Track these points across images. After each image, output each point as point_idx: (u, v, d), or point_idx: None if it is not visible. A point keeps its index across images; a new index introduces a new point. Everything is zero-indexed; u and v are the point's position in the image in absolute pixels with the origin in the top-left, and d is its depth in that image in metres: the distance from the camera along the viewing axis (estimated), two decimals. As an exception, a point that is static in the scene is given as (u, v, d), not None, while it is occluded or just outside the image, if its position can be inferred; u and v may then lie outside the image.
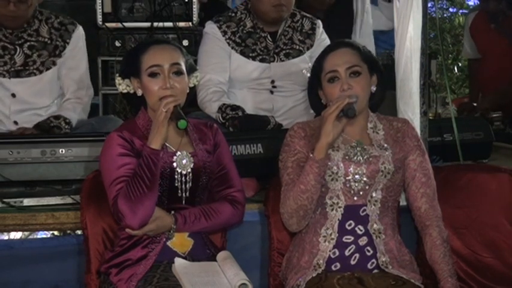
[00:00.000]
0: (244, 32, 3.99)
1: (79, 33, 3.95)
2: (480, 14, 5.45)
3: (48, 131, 3.66)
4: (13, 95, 3.84)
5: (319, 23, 4.13)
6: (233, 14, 4.04)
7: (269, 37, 3.99)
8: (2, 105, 3.85)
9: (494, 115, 4.85)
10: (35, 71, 3.85)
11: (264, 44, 3.98)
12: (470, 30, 5.48)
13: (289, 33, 4.03)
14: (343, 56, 3.03)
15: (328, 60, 3.03)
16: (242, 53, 3.96)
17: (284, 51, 4.00)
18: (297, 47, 4.02)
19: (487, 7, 5.36)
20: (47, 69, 3.86)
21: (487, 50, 5.38)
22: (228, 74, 3.95)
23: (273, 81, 3.98)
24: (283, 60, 3.99)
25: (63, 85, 3.90)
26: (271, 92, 4.00)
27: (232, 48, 3.96)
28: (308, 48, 4.03)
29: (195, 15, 4.53)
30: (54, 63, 3.87)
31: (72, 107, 3.84)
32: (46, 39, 3.86)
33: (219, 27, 3.98)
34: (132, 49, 3.24)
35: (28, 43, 3.84)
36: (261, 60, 3.96)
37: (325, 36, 4.12)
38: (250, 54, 3.96)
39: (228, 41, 3.96)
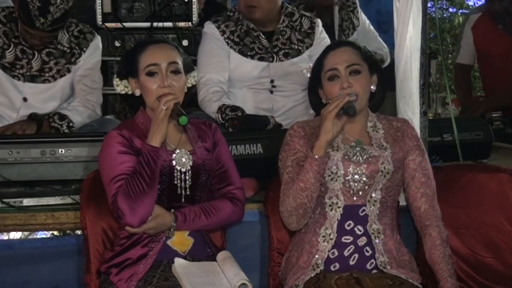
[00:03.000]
0: (242, 31, 4.00)
1: (97, 43, 3.96)
2: (484, 15, 5.40)
3: (40, 125, 3.67)
4: (24, 99, 3.84)
5: (319, 21, 4.13)
6: (231, 14, 4.05)
7: (262, 35, 4.00)
8: (11, 108, 3.84)
9: (494, 115, 4.84)
10: (49, 78, 3.85)
11: (261, 43, 3.99)
12: (474, 32, 5.44)
13: (287, 32, 4.03)
14: (344, 54, 3.03)
15: (328, 59, 3.04)
16: (240, 52, 3.97)
17: (283, 51, 4.00)
18: (296, 47, 4.02)
19: (493, 8, 5.32)
20: (61, 76, 3.86)
21: (494, 51, 5.34)
22: (227, 73, 3.95)
23: (272, 81, 3.98)
24: (282, 60, 3.99)
25: (76, 91, 3.90)
26: (271, 92, 4.00)
27: (231, 47, 3.97)
28: (307, 48, 4.04)
29: (194, 15, 4.53)
30: (68, 70, 3.87)
31: (82, 109, 3.85)
32: (65, 48, 3.86)
33: (218, 27, 3.99)
34: (129, 50, 3.25)
35: (47, 49, 3.84)
36: (260, 59, 3.97)
37: (324, 35, 4.12)
38: (249, 53, 3.97)
39: (226, 40, 3.97)
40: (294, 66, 3.96)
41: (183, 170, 2.99)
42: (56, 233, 3.49)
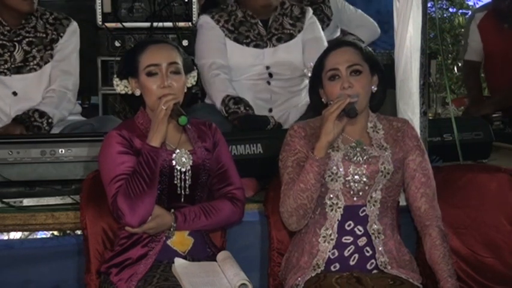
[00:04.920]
0: (237, 21, 4.05)
1: (73, 28, 3.97)
2: (490, 13, 5.38)
3: (27, 127, 3.69)
4: (14, 93, 3.85)
5: (309, 9, 4.19)
6: (224, 7, 4.11)
7: (260, 23, 4.04)
8: (3, 104, 3.86)
9: (494, 115, 4.83)
10: (35, 66, 3.87)
11: (257, 31, 4.03)
12: (480, 30, 5.42)
13: (279, 19, 4.08)
14: (345, 54, 3.03)
15: (329, 59, 3.04)
16: (236, 40, 4.01)
17: (276, 36, 4.05)
18: (288, 31, 4.08)
19: (499, 6, 5.29)
20: (46, 63, 3.88)
21: (499, 50, 5.32)
22: (227, 59, 3.98)
23: (267, 68, 4.00)
24: (275, 45, 4.03)
25: (51, 75, 3.90)
26: (268, 83, 4.02)
27: (226, 35, 4.02)
28: (299, 31, 4.09)
29: (194, 15, 4.54)
30: (51, 56, 3.89)
31: (57, 100, 3.85)
32: (43, 34, 3.88)
33: (212, 17, 4.05)
34: (129, 50, 3.25)
35: (26, 39, 3.87)
36: (255, 46, 4.01)
37: (315, 19, 4.17)
38: (244, 41, 4.01)
39: (221, 28, 4.02)
40: (287, 51, 4.01)
41: (183, 169, 2.99)
42: (56, 233, 3.49)
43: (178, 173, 2.99)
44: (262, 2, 3.99)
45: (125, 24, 4.51)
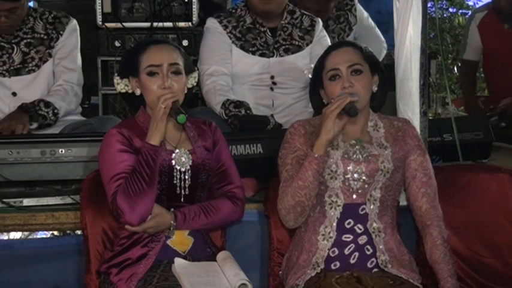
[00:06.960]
0: (245, 27, 4.01)
1: (73, 25, 3.98)
2: (490, 13, 5.37)
3: (32, 116, 3.68)
4: (13, 94, 3.86)
5: (319, 20, 4.15)
6: (233, 11, 4.08)
7: (268, 32, 4.01)
8: (2, 104, 3.86)
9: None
10: (34, 67, 3.87)
11: (264, 39, 4.00)
12: (480, 30, 5.41)
13: (289, 29, 4.05)
14: (345, 54, 3.03)
15: (329, 59, 3.04)
16: (242, 48, 3.98)
17: (283, 47, 4.02)
18: (297, 43, 4.04)
19: (500, 6, 5.28)
20: (44, 62, 3.88)
21: (500, 50, 5.31)
22: (231, 67, 3.96)
23: (272, 77, 3.99)
24: (282, 56, 4.01)
25: (55, 73, 3.91)
26: (271, 89, 4.01)
27: (233, 42, 3.98)
28: (307, 44, 4.05)
29: (194, 15, 4.54)
30: (50, 55, 3.90)
31: (64, 93, 3.85)
32: (42, 35, 3.89)
33: (220, 22, 4.01)
34: (130, 49, 3.25)
35: (25, 41, 3.87)
36: (261, 55, 3.99)
37: (324, 33, 4.13)
38: (250, 49, 3.98)
39: (229, 34, 3.99)
40: (294, 62, 3.98)
41: (183, 169, 2.99)
42: (56, 233, 3.49)
43: (178, 173, 2.99)
44: (261, 7, 3.96)
45: (125, 24, 4.51)
